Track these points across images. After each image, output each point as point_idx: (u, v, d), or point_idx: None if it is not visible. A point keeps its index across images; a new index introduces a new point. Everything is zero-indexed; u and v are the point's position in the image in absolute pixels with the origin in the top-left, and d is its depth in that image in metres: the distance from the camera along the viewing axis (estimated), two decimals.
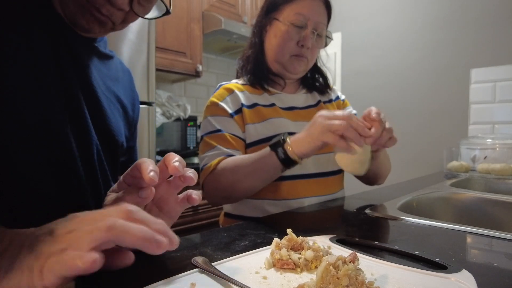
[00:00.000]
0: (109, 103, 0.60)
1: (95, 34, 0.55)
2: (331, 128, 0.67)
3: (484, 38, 1.82)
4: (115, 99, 0.63)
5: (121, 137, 0.62)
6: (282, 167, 0.75)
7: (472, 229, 0.60)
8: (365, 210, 0.76)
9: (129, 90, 0.70)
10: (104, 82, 0.60)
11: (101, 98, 0.57)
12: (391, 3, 2.18)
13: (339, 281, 0.33)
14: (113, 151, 0.61)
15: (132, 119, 0.69)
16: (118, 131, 0.61)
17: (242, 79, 1.00)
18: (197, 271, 0.40)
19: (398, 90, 2.16)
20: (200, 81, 2.54)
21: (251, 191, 0.82)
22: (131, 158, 0.72)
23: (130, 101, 0.68)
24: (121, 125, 0.63)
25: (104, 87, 0.60)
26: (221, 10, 2.24)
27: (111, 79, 0.63)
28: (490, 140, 1.49)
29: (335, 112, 0.70)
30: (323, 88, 1.05)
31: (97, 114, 0.56)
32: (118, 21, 0.53)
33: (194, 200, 0.45)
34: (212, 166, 0.82)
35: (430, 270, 0.41)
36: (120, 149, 0.63)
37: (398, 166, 2.03)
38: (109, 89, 0.62)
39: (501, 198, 0.91)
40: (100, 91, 0.57)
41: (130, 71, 0.74)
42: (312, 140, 0.70)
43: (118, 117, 0.63)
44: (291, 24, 0.89)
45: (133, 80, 0.73)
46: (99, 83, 0.58)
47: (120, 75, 0.67)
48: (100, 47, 0.61)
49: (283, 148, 0.73)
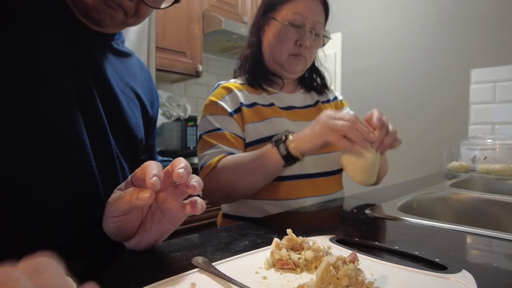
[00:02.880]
0: (127, 99, 0.59)
1: (108, 27, 0.55)
2: (335, 128, 0.68)
3: (485, 38, 1.82)
4: (133, 96, 0.62)
5: (140, 133, 0.62)
6: (283, 163, 0.75)
7: (472, 230, 0.60)
8: (365, 210, 0.75)
9: (148, 88, 0.69)
10: (121, 78, 0.60)
11: (118, 94, 0.56)
12: (391, 3, 2.18)
13: (339, 281, 0.33)
14: (133, 148, 0.61)
15: (152, 117, 0.69)
16: (137, 127, 0.61)
17: (240, 78, 1.00)
18: (197, 271, 0.40)
19: (398, 90, 2.16)
20: (200, 81, 2.54)
21: (251, 189, 0.82)
22: (152, 157, 0.72)
23: (148, 99, 0.68)
24: (140, 122, 0.63)
25: (122, 83, 0.59)
26: (221, 10, 2.24)
27: (129, 76, 0.63)
28: (490, 141, 1.49)
29: (340, 113, 0.70)
30: (321, 88, 1.06)
31: (115, 110, 0.56)
32: (130, 12, 0.53)
33: (196, 209, 0.45)
34: (213, 164, 0.82)
35: (430, 270, 0.41)
36: (140, 146, 0.63)
37: (398, 166, 2.03)
38: (127, 86, 0.61)
39: (501, 198, 0.91)
40: (116, 86, 0.57)
41: (149, 71, 0.74)
42: (315, 138, 0.71)
43: (137, 113, 0.62)
44: (289, 23, 0.89)
45: (152, 78, 0.73)
46: (116, 79, 0.58)
47: (138, 73, 0.67)
48: (116, 45, 0.61)
49: (285, 144, 0.74)
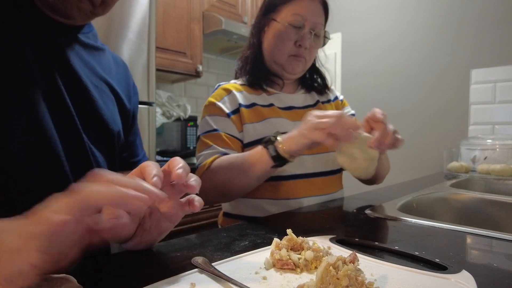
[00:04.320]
0: (100, 92, 0.59)
1: (75, 19, 0.55)
2: (319, 126, 0.68)
3: (484, 38, 1.82)
4: (107, 89, 0.62)
5: (116, 126, 0.61)
6: (272, 164, 0.75)
7: (472, 230, 0.60)
8: (365, 211, 0.76)
9: (124, 82, 0.69)
10: (92, 71, 0.59)
11: (88, 85, 0.56)
12: (391, 4, 2.18)
13: (339, 281, 0.33)
14: (109, 141, 0.60)
15: (129, 110, 0.68)
16: (112, 120, 0.60)
17: (241, 79, 1.00)
18: (197, 271, 0.40)
19: (398, 90, 2.16)
20: (200, 81, 2.54)
21: (245, 189, 0.82)
22: (133, 154, 0.71)
23: (125, 93, 0.67)
24: (115, 115, 0.62)
25: (93, 76, 0.59)
26: (221, 10, 2.24)
27: (102, 70, 0.62)
28: (490, 141, 1.49)
29: (326, 111, 0.70)
30: (321, 88, 1.06)
31: (85, 100, 0.56)
32: (97, 2, 0.53)
33: (195, 206, 0.45)
34: (207, 164, 0.83)
35: (430, 270, 0.41)
36: (118, 139, 0.62)
37: (398, 166, 2.03)
38: (100, 79, 0.61)
39: (501, 198, 0.91)
40: (86, 78, 0.56)
41: (127, 65, 0.73)
42: (302, 138, 0.71)
43: (111, 106, 0.62)
44: (288, 24, 0.90)
45: (129, 73, 0.72)
46: (86, 72, 0.58)
47: (113, 68, 0.66)
48: (86, 39, 0.60)
49: (274, 145, 0.74)
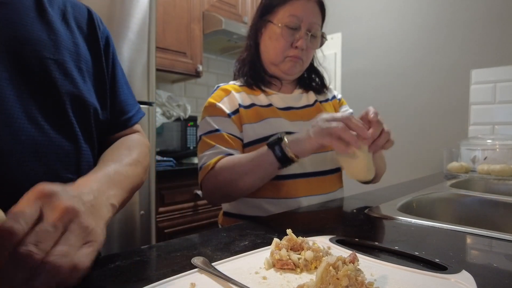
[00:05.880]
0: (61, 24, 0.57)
1: None
2: (329, 131, 0.69)
3: (485, 38, 1.82)
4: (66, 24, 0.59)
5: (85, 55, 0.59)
6: (278, 165, 0.77)
7: (472, 230, 0.60)
8: (365, 211, 0.76)
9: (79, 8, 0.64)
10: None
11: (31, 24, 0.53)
12: (391, 4, 2.18)
13: (339, 281, 0.33)
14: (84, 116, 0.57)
15: (99, 33, 0.64)
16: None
17: (240, 80, 1.01)
18: (196, 271, 0.40)
19: (398, 90, 2.15)
20: (200, 81, 2.54)
21: (249, 189, 0.82)
22: (123, 110, 0.66)
23: (84, 19, 0.63)
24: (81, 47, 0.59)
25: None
26: (221, 10, 2.24)
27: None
28: (490, 141, 1.49)
29: (334, 114, 0.71)
30: (319, 88, 1.06)
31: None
32: None
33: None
34: (211, 164, 0.83)
35: (430, 270, 0.41)
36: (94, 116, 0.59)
37: (398, 166, 2.03)
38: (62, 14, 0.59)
39: (501, 199, 0.91)
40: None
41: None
42: (310, 141, 0.72)
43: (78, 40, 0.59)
44: (285, 26, 0.90)
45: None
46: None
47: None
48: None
49: (280, 146, 0.75)
